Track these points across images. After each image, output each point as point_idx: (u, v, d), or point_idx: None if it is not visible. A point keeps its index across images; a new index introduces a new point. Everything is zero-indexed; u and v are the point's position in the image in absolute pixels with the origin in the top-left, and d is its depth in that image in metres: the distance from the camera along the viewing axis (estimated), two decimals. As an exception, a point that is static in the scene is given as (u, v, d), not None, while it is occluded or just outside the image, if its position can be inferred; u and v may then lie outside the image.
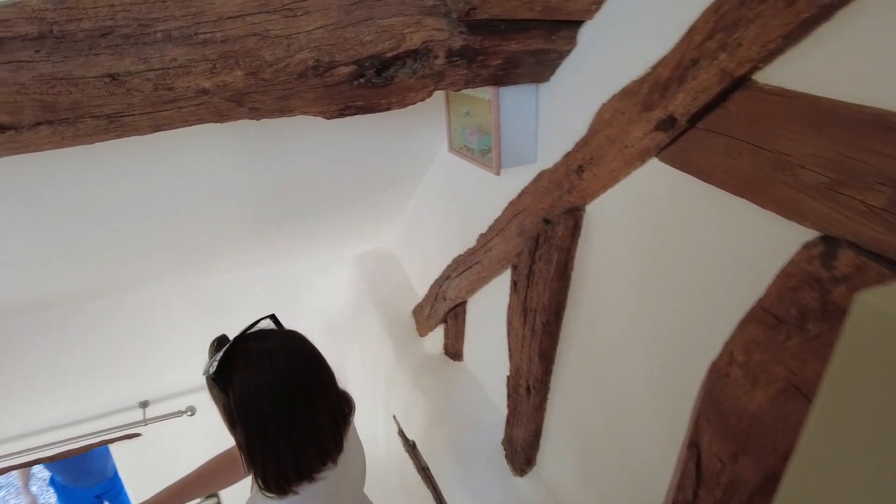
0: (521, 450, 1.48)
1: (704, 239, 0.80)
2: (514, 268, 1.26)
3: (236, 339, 1.07)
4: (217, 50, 0.70)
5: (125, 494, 3.94)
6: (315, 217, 1.98)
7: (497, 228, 1.35)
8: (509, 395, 1.48)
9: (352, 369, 2.86)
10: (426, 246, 2.03)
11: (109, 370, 2.47)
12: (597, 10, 0.89)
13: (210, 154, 1.36)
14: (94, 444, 2.58)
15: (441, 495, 1.74)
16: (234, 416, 1.01)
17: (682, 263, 0.85)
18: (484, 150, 1.22)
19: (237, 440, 1.04)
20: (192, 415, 2.60)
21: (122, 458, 2.74)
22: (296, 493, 1.04)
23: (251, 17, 0.71)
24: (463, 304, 1.74)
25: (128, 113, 0.71)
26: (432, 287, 1.89)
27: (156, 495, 1.44)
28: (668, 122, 0.76)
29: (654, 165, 0.84)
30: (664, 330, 0.92)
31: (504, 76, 1.00)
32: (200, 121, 0.80)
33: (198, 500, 1.88)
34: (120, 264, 1.95)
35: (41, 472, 3.60)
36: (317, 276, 2.62)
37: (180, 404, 2.62)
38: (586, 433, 1.23)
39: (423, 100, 0.96)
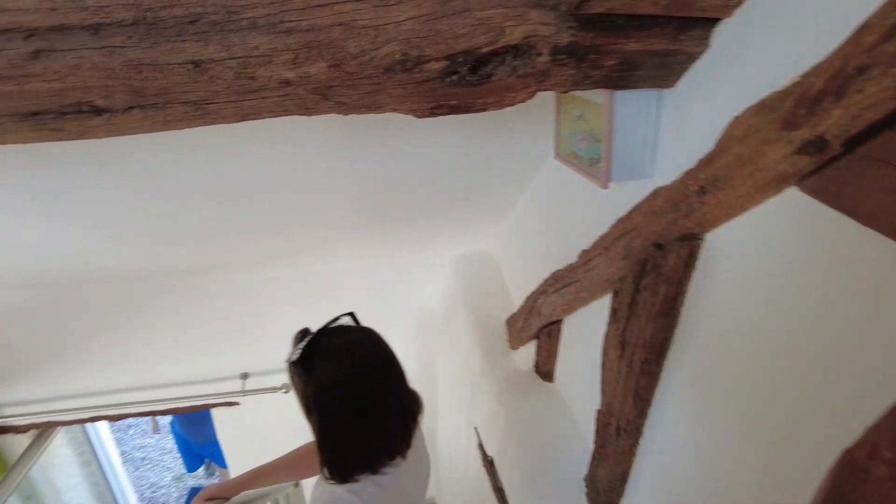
0: (604, 491, 1.35)
1: (856, 292, 0.64)
2: (616, 294, 1.15)
3: (318, 332, 1.15)
4: (300, 39, 0.68)
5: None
6: (417, 214, 1.98)
7: (601, 246, 1.24)
8: (598, 431, 1.36)
9: (441, 371, 2.84)
10: (527, 254, 1.94)
11: (218, 341, 2.66)
12: (737, 6, 0.75)
13: (314, 146, 1.39)
14: (198, 406, 2.81)
15: (514, 522, 1.66)
16: (310, 404, 1.10)
17: (822, 318, 0.70)
18: (593, 160, 1.12)
19: (311, 425, 1.13)
20: (286, 392, 2.73)
21: (222, 422, 2.96)
22: (356, 481, 1.11)
23: (339, 6, 0.68)
24: (558, 322, 1.64)
25: (213, 100, 0.72)
26: (528, 299, 1.80)
27: (247, 473, 1.56)
28: (815, 145, 0.62)
29: (794, 196, 0.70)
30: (789, 393, 0.77)
31: (620, 79, 0.90)
32: (286, 112, 0.79)
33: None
34: (234, 245, 2.08)
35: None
36: (414, 273, 2.63)
37: (276, 381, 2.76)
38: (678, 491, 1.08)
39: (523, 101, 0.88)
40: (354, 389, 1.08)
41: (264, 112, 0.78)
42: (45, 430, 2.79)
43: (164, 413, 2.81)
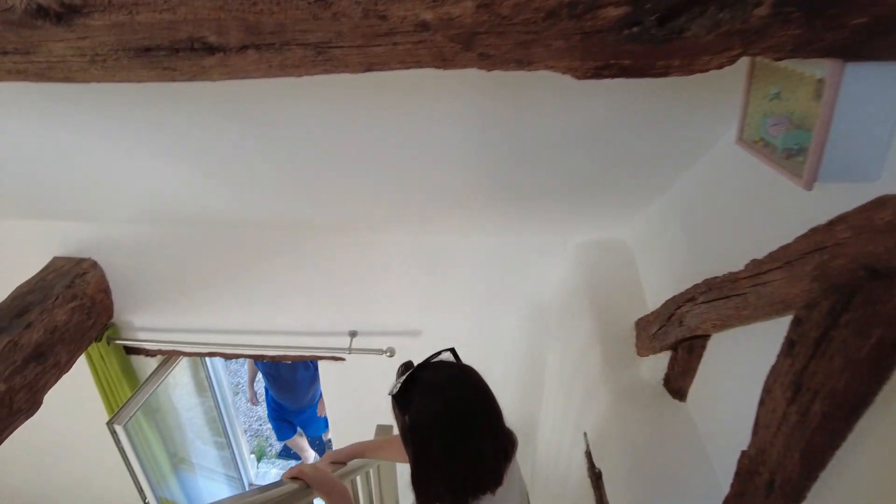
0: (738, 550, 1.16)
1: None
2: (797, 323, 0.93)
3: (418, 366, 1.20)
4: (446, -31, 0.55)
5: (317, 428, 4.53)
6: (548, 193, 1.82)
7: (781, 259, 1.01)
8: (738, 476, 1.15)
9: (551, 364, 2.69)
10: (673, 251, 1.71)
11: (332, 297, 2.72)
12: None
13: (444, 107, 1.27)
14: (306, 356, 2.91)
15: (617, 549, 1.51)
16: (407, 436, 1.17)
17: None
18: (790, 150, 0.89)
19: (405, 447, 1.19)
20: (391, 356, 2.74)
21: (327, 375, 3.05)
22: None
23: (500, -73, 0.54)
24: (704, 337, 1.42)
25: (336, 44, 0.62)
26: (668, 304, 1.59)
27: (360, 444, 1.75)
28: None
29: None
30: None
31: (860, 46, 0.68)
32: (419, 64, 0.67)
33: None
34: (355, 206, 2.06)
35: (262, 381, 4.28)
36: (534, 255, 2.48)
37: (382, 343, 2.77)
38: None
39: (718, 67, 0.70)
40: (447, 426, 1.13)
41: (394, 62, 0.67)
42: (170, 357, 3.05)
43: (273, 358, 2.95)
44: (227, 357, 2.99)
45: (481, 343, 2.79)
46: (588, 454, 1.83)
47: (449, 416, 1.13)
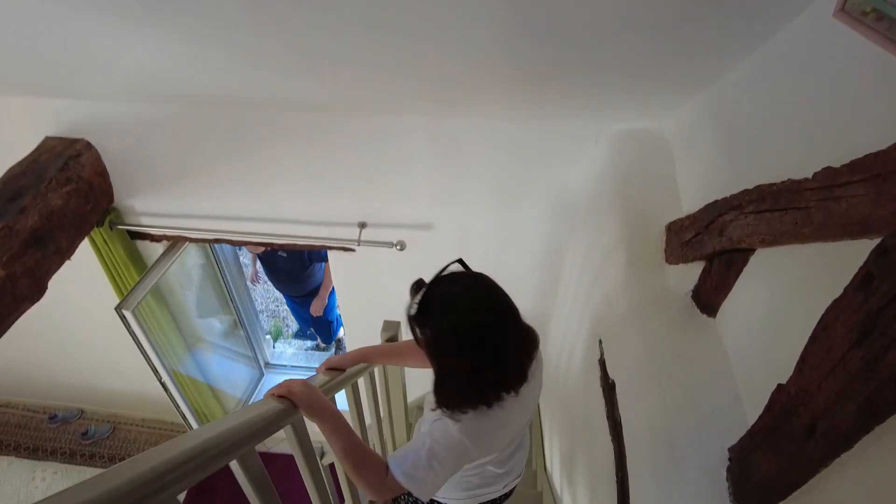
0: (760, 485, 1.07)
1: None
2: (882, 252, 0.75)
3: (431, 282, 1.22)
4: None
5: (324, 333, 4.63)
6: (584, 72, 1.57)
7: (868, 170, 0.81)
8: (770, 410, 1.04)
9: (570, 262, 2.56)
10: (719, 148, 1.50)
11: (341, 185, 2.57)
12: None
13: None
14: (315, 245, 2.82)
15: (624, 461, 1.46)
16: (432, 350, 1.22)
17: None
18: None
19: (431, 360, 1.25)
20: (401, 249, 2.63)
21: (337, 266, 2.98)
22: (464, 412, 1.25)
23: None
24: (747, 251, 1.25)
25: None
26: (708, 209, 1.41)
27: (365, 349, 1.76)
28: None
29: None
30: None
31: None
32: None
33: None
34: (368, 83, 1.83)
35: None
36: (562, 144, 2.26)
37: (393, 236, 2.66)
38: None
39: None
40: (469, 335, 1.17)
41: None
42: (176, 242, 2.98)
43: (281, 247, 2.87)
44: (234, 244, 2.92)
45: (498, 238, 2.66)
46: (602, 363, 1.74)
47: (469, 325, 1.17)
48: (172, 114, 2.41)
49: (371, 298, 3.14)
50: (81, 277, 3.17)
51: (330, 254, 2.93)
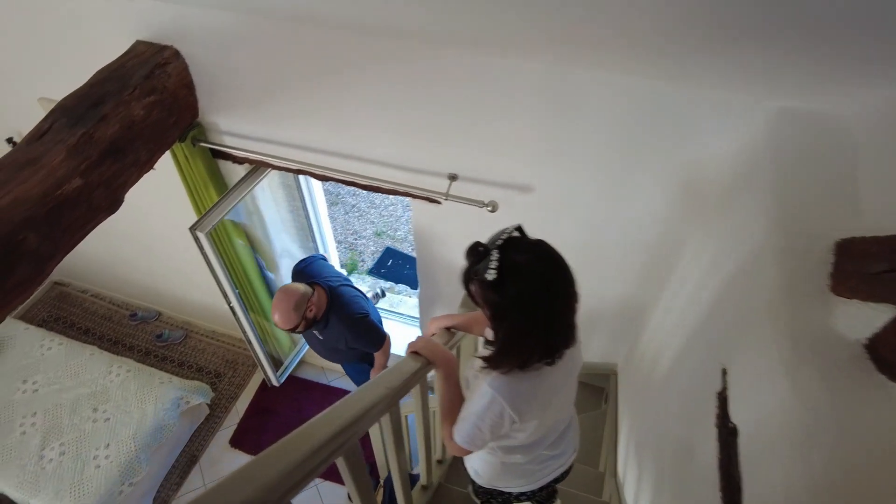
0: None
1: None
2: None
3: (501, 248, 1.30)
4: None
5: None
6: (758, 29, 1.19)
7: None
8: None
9: (687, 261, 2.20)
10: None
11: (436, 130, 2.30)
12: None
13: None
14: (399, 192, 2.60)
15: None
16: (504, 314, 1.33)
17: None
18: None
19: (497, 329, 1.38)
20: (492, 210, 2.36)
21: (420, 215, 2.77)
22: (504, 374, 1.43)
23: None
24: None
25: None
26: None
27: (468, 315, 1.96)
28: None
29: None
30: None
31: None
32: None
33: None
34: (485, 12, 1.53)
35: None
36: (703, 115, 1.87)
37: (485, 194, 2.39)
38: None
39: None
40: (546, 299, 1.30)
41: None
42: (257, 167, 2.86)
43: (364, 188, 2.67)
44: (316, 177, 2.75)
45: (602, 209, 2.33)
46: (723, 398, 1.44)
47: (545, 289, 1.29)
48: (268, 30, 2.21)
49: (449, 257, 2.93)
50: (164, 190, 3.14)
51: (413, 202, 2.71)
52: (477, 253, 1.33)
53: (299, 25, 2.14)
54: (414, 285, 5.02)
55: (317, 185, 3.49)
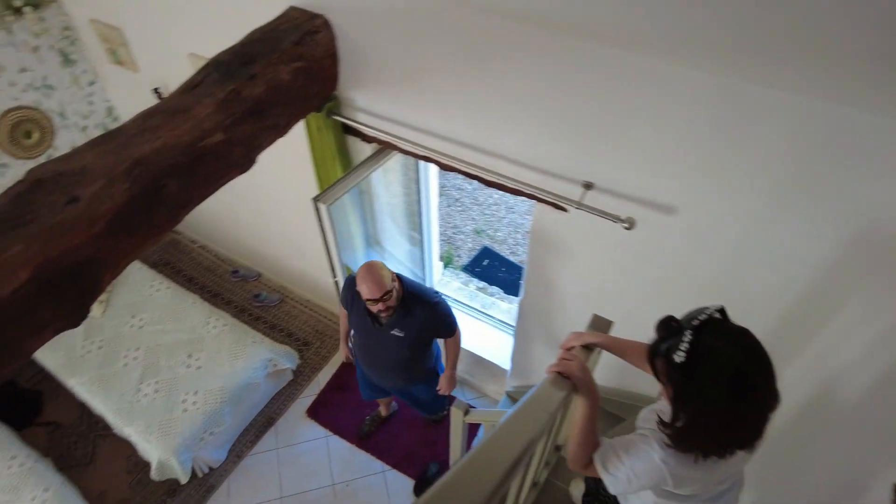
0: None
1: None
2: None
3: (697, 329, 1.19)
4: None
5: (429, 406, 3.45)
6: None
7: None
8: None
9: (850, 319, 1.92)
10: None
11: (576, 130, 2.16)
12: None
13: None
14: (524, 193, 2.48)
15: None
16: (687, 400, 1.24)
17: None
18: None
19: (677, 410, 1.27)
20: (628, 228, 2.18)
21: (540, 222, 2.63)
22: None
23: None
24: None
25: None
26: None
27: (609, 337, 1.85)
28: None
29: None
30: None
31: None
32: None
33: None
34: (657, 10, 1.38)
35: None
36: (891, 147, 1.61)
37: (620, 208, 2.22)
38: None
39: None
40: (738, 397, 1.17)
41: None
42: (384, 148, 2.83)
43: (488, 183, 2.57)
44: (442, 167, 2.68)
45: (755, 247, 2.08)
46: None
47: (738, 384, 1.17)
48: (422, 10, 2.15)
49: (565, 268, 2.77)
50: (289, 157, 3.19)
51: (536, 206, 2.58)
52: (668, 328, 1.26)
53: (456, 7, 2.06)
54: (507, 289, 4.89)
55: (433, 173, 3.44)
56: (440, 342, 3.15)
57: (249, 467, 3.97)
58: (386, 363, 3.02)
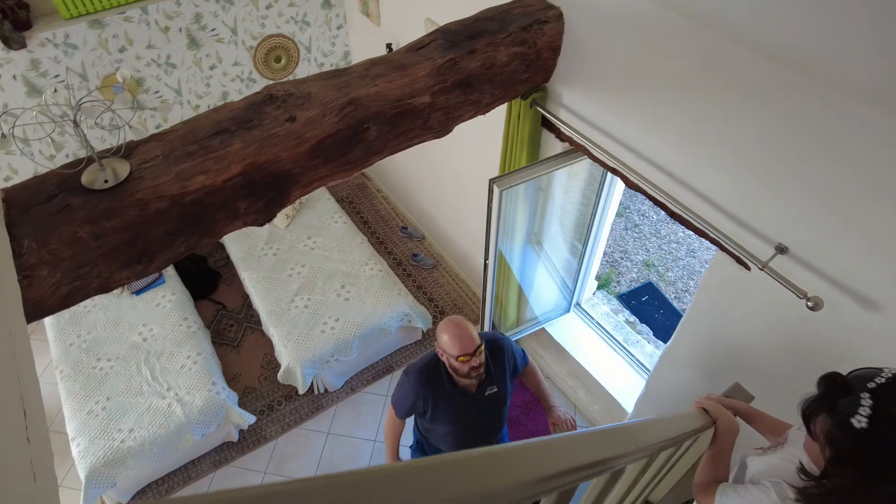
0: None
1: None
2: None
3: (875, 392, 1.12)
4: None
5: None
6: None
7: None
8: None
9: None
10: None
11: (786, 185, 1.94)
12: None
13: None
14: (710, 237, 2.29)
15: None
16: (849, 466, 1.16)
17: None
18: None
19: (829, 472, 1.22)
20: (811, 307, 1.92)
21: (717, 272, 2.41)
22: None
23: None
24: None
25: None
26: None
27: (746, 407, 1.95)
28: None
29: None
30: None
31: None
32: None
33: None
34: None
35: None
36: None
37: (811, 285, 1.96)
38: None
39: None
40: None
41: None
42: (575, 150, 2.78)
43: (671, 215, 2.42)
44: (628, 183, 2.58)
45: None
46: None
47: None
48: (664, 24, 2.06)
49: (724, 332, 2.52)
50: (482, 135, 3.28)
51: (717, 255, 2.37)
52: (835, 385, 1.19)
53: (706, 31, 1.93)
54: (657, 332, 4.60)
55: (618, 189, 3.32)
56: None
57: (358, 401, 4.27)
58: (490, 429, 2.66)
